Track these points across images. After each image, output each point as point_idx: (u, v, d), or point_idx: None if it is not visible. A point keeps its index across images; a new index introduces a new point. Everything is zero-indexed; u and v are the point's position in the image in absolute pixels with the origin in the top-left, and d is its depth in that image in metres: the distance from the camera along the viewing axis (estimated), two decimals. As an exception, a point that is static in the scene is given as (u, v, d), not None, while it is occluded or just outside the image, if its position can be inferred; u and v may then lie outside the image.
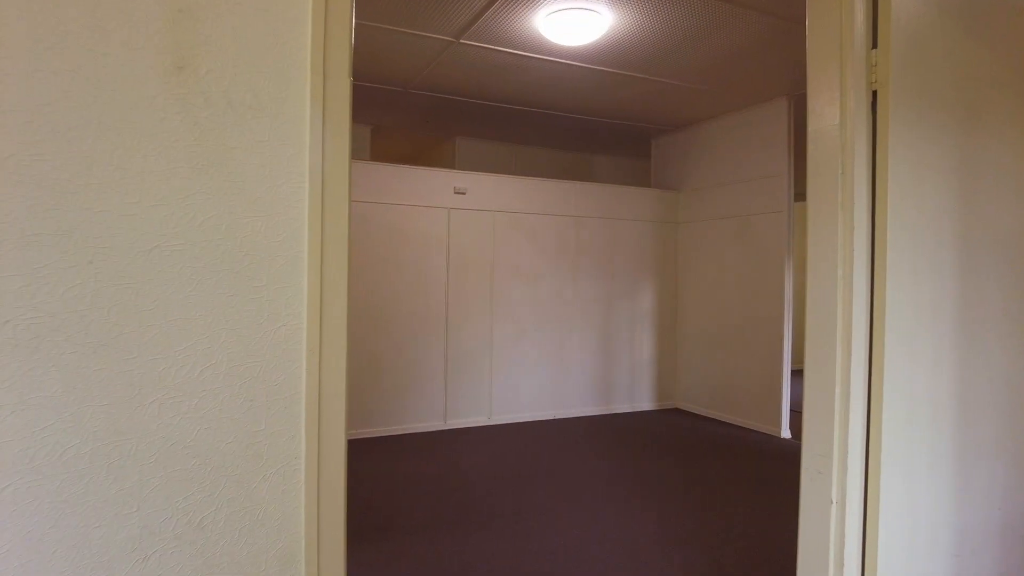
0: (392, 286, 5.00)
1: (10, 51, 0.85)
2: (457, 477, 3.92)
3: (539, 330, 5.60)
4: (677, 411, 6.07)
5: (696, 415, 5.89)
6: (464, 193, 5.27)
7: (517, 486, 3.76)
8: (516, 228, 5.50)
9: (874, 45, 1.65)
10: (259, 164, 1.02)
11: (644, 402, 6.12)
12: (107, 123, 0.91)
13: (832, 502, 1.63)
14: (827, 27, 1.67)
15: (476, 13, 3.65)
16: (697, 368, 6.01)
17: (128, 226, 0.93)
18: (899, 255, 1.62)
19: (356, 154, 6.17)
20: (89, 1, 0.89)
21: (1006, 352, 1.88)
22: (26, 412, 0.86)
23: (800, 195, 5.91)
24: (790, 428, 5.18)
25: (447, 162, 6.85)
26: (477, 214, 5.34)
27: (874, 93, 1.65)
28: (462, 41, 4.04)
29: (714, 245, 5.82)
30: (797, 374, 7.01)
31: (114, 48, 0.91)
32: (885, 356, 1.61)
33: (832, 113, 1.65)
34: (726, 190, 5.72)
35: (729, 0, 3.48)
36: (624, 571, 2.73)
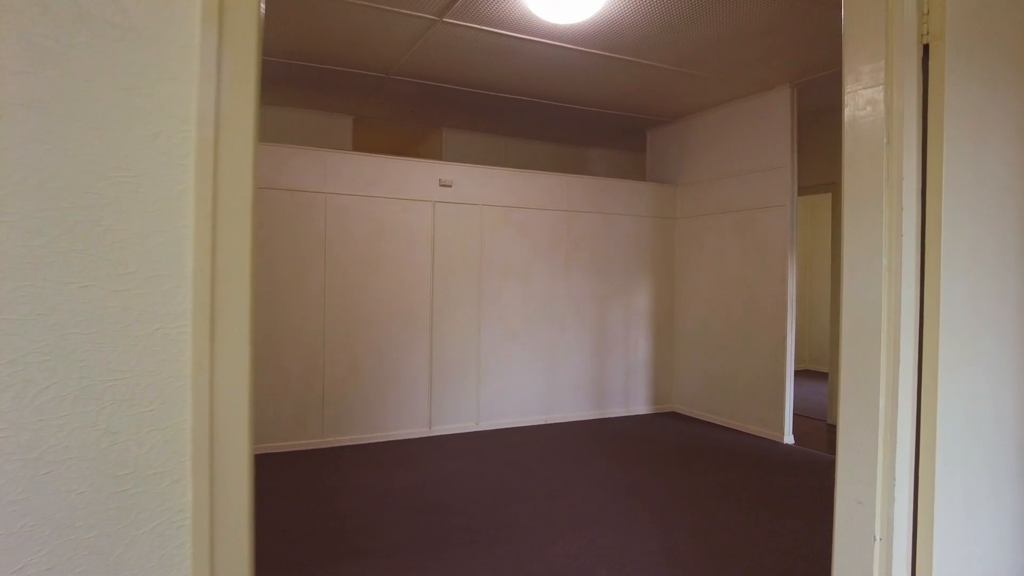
0: (373, 284, 4.71)
1: None
2: (440, 490, 3.63)
3: (530, 331, 5.32)
4: (674, 415, 5.80)
5: (694, 419, 5.63)
6: (450, 186, 4.98)
7: (504, 500, 3.48)
8: (505, 223, 5.22)
9: (925, -11, 1.38)
10: (129, 106, 0.73)
11: (640, 405, 5.85)
12: None
13: (876, 539, 1.35)
14: (869, -34, 1.40)
15: (459, -14, 3.36)
16: (695, 370, 5.74)
17: (-82, 186, 0.64)
18: (956, 239, 1.35)
19: (337, 145, 5.87)
20: None
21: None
22: None
23: (804, 188, 5.66)
24: (793, 433, 4.92)
25: (434, 156, 6.56)
26: (464, 208, 5.06)
27: (925, 47, 1.38)
28: (446, 20, 3.75)
29: (713, 241, 5.56)
30: (800, 375, 6.72)
31: None
32: (939, 361, 1.33)
33: (874, 72, 1.38)
34: (725, 183, 5.47)
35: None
36: (622, 599, 2.45)
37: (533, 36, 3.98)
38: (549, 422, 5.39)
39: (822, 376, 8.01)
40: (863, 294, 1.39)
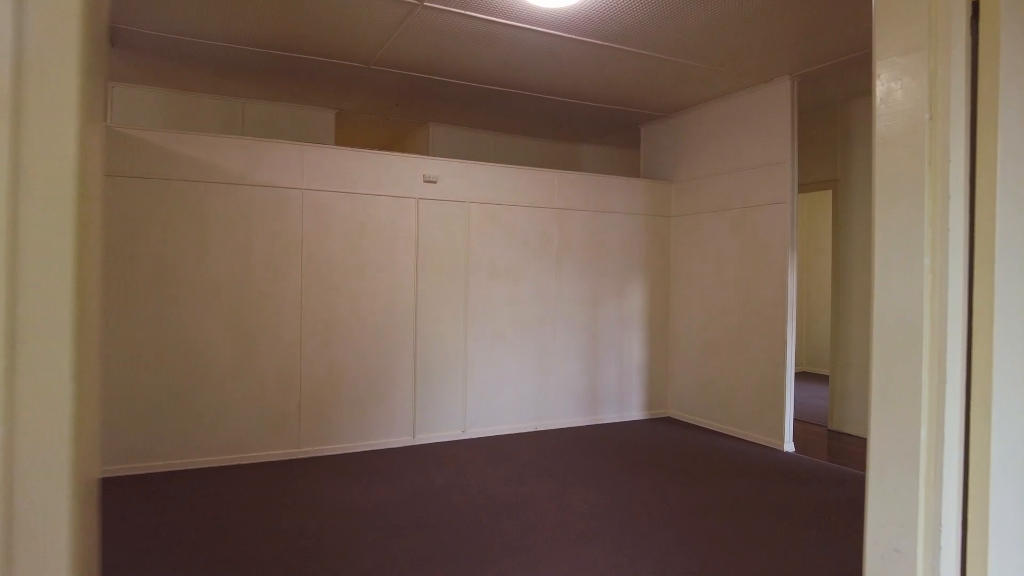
0: (353, 285, 4.47)
1: None
2: (423, 506, 3.40)
3: (519, 334, 5.10)
4: (669, 420, 5.59)
5: (690, 425, 5.41)
6: (435, 182, 4.74)
7: (490, 518, 3.25)
8: (493, 221, 4.99)
9: (974, -66, 1.16)
10: None
11: (633, 411, 5.63)
12: None
13: (917, 595, 1.13)
14: (907, -94, 1.17)
15: (439, -34, 3.13)
16: (691, 374, 5.53)
17: None
18: (1013, 233, 1.13)
19: (318, 141, 5.63)
20: None
21: None
22: None
23: (803, 185, 5.46)
24: (794, 441, 4.71)
25: (420, 152, 6.32)
26: (449, 205, 4.82)
27: (975, 5, 1.16)
28: (426, 4, 3.52)
29: (710, 240, 5.35)
30: (798, 377, 6.55)
31: None
32: (993, 382, 1.11)
33: (914, 36, 1.15)
34: (723, 180, 5.25)
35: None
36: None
37: (518, 22, 3.75)
38: (539, 429, 5.16)
39: (821, 379, 7.81)
40: (900, 301, 1.16)
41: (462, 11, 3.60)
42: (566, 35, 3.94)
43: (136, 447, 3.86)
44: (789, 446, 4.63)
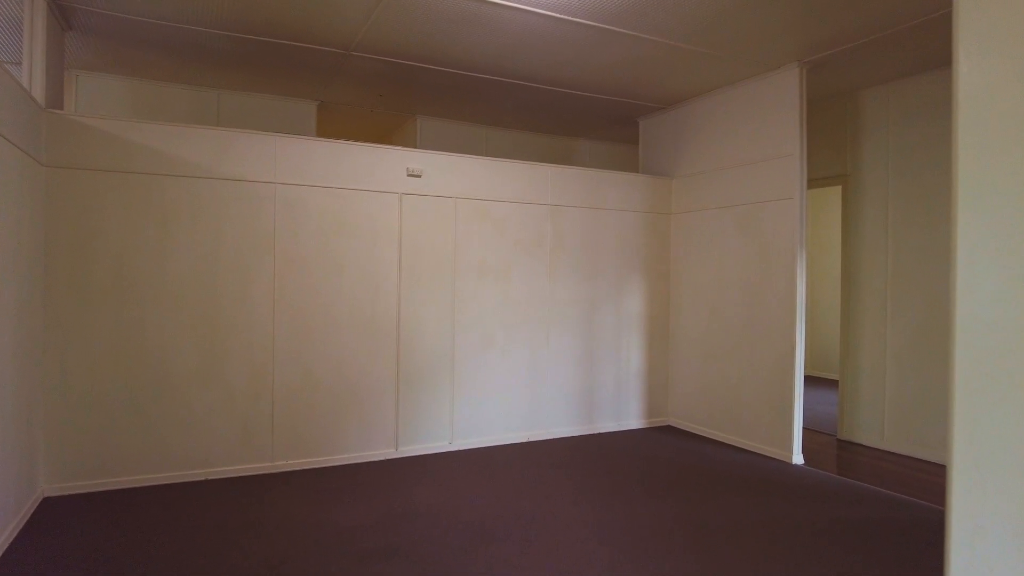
0: (331, 286, 4.16)
1: None
2: (402, 528, 3.08)
3: (510, 338, 4.79)
4: (670, 429, 5.28)
5: (692, 434, 5.11)
6: (419, 176, 4.43)
7: (475, 543, 2.93)
8: (482, 218, 4.68)
9: None
10: None
11: (632, 419, 5.33)
12: None
13: None
14: None
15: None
16: (693, 380, 5.23)
17: None
18: None
19: (299, 133, 5.31)
20: None
21: None
22: None
23: (811, 181, 5.16)
24: (803, 452, 4.41)
25: (408, 146, 6.01)
26: (435, 201, 4.51)
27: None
28: (405, -22, 3.21)
29: (713, 238, 5.05)
30: (805, 381, 6.24)
31: None
32: None
33: (1012, -50, 0.85)
34: (726, 175, 4.95)
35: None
36: None
37: (508, 1, 3.44)
38: (532, 439, 4.85)
39: (826, 383, 7.52)
40: (995, 312, 0.85)
41: (444, -13, 3.29)
42: (557, 15, 3.63)
43: (91, 462, 3.54)
44: (798, 458, 4.33)
